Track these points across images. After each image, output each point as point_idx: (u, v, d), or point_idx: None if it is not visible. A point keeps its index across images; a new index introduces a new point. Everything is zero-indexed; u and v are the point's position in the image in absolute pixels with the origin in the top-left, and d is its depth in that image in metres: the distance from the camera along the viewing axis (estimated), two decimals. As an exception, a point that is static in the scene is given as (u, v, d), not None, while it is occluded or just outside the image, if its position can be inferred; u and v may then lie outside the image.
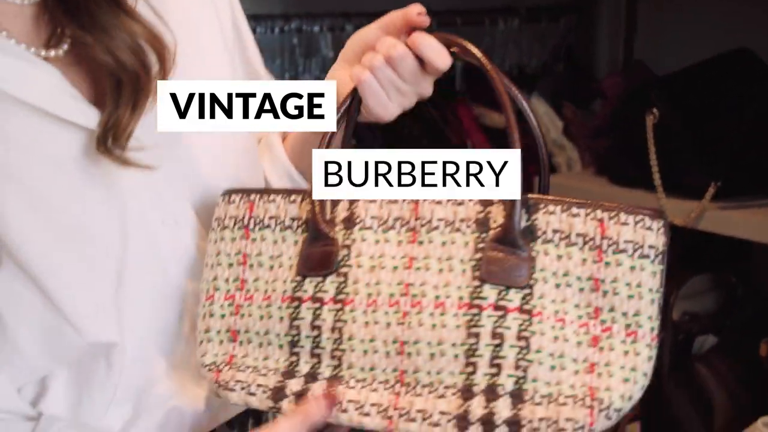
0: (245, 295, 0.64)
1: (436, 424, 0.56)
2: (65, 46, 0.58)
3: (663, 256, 0.53)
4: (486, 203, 0.55)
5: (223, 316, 0.63)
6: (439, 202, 0.58)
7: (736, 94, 1.11)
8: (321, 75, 1.31)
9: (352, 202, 0.60)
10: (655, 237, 0.53)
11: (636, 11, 1.36)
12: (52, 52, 0.58)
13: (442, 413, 0.56)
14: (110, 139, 0.56)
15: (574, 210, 0.54)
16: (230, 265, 0.63)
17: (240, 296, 0.64)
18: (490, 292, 0.56)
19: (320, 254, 0.60)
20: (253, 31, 0.73)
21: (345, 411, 0.59)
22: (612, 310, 0.54)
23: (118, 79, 0.57)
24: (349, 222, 0.60)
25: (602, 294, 0.54)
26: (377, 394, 0.60)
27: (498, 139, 1.32)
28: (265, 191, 0.63)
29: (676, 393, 1.13)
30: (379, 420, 0.58)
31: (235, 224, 0.64)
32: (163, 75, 0.58)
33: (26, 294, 0.55)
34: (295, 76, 1.28)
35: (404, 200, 0.59)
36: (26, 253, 0.54)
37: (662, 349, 1.11)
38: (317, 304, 0.60)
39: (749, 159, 1.08)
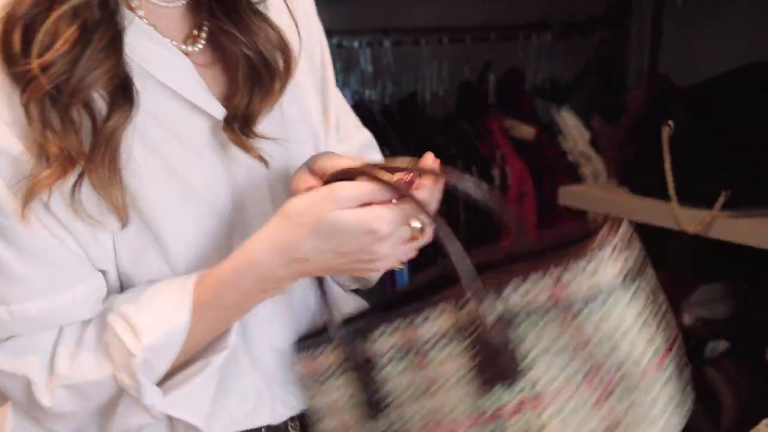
0: None
1: None
2: (200, 45, 0.65)
3: (630, 273, 0.51)
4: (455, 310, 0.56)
5: None
6: (423, 314, 0.59)
7: (751, 105, 1.13)
8: (360, 89, 1.39)
9: (367, 333, 0.62)
10: (614, 263, 0.51)
11: (662, 26, 1.38)
12: (190, 48, 0.65)
13: None
14: (238, 124, 0.62)
15: (532, 277, 0.53)
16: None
17: None
18: (489, 401, 0.57)
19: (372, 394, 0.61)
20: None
21: None
22: (604, 363, 0.53)
23: (256, 71, 0.63)
24: (369, 363, 0.63)
25: (589, 353, 0.53)
26: None
27: (526, 150, 1.36)
28: (408, 315, 0.60)
29: None
30: None
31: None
32: (287, 78, 0.65)
33: (147, 250, 0.60)
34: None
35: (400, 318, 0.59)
36: (157, 214, 0.59)
37: None
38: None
39: (761, 169, 1.10)
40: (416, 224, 0.53)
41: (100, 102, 0.56)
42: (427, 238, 0.56)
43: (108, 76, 0.56)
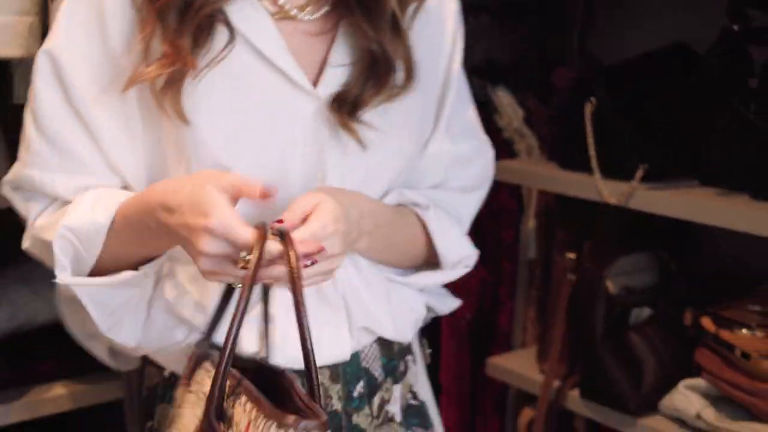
0: None
1: None
2: (319, 15, 0.76)
3: None
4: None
5: None
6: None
7: (668, 83, 1.19)
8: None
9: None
10: None
11: (593, 7, 1.43)
12: (305, 16, 0.75)
13: None
14: (347, 105, 0.73)
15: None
16: None
17: None
18: None
19: None
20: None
21: None
22: None
23: (375, 67, 0.74)
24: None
25: None
26: None
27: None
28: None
29: (609, 359, 1.18)
30: None
31: None
32: (407, 86, 0.75)
33: (176, 170, 0.73)
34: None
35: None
36: (209, 151, 0.71)
37: (595, 319, 1.20)
38: None
39: (677, 143, 1.16)
40: (243, 254, 0.59)
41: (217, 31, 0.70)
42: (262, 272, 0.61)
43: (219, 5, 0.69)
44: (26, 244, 0.77)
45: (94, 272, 0.72)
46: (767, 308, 1.11)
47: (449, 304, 0.94)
